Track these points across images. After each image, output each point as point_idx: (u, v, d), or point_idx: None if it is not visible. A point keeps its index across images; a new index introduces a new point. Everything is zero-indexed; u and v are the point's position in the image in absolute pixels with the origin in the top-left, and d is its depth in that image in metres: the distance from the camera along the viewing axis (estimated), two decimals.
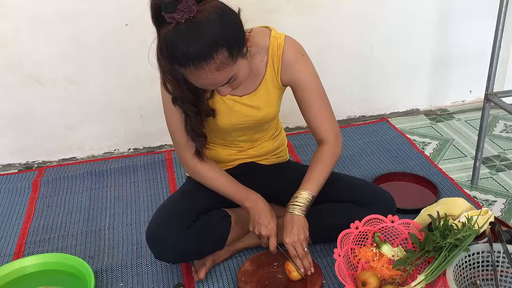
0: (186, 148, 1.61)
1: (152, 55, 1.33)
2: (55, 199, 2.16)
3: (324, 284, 1.63)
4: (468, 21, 2.56)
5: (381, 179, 2.12)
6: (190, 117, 1.51)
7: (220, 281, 1.67)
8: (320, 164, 1.60)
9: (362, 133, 2.53)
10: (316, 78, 1.59)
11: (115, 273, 1.74)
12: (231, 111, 1.58)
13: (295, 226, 1.52)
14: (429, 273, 1.42)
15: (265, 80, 1.56)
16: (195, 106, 1.49)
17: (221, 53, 1.27)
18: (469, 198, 1.99)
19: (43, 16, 2.18)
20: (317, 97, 1.59)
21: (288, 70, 1.55)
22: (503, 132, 2.50)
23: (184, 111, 1.51)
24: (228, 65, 1.30)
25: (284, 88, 1.63)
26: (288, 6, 2.34)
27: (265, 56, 1.53)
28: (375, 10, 2.46)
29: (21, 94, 2.30)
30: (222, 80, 1.33)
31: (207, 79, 1.30)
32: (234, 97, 1.57)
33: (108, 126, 2.46)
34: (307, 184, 1.58)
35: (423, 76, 2.68)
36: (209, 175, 1.64)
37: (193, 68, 1.27)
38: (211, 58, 1.26)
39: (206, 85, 1.35)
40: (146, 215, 2.02)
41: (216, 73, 1.29)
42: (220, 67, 1.29)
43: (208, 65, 1.27)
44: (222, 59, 1.28)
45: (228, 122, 1.60)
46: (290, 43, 1.54)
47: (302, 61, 1.56)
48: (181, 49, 1.24)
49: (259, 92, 1.57)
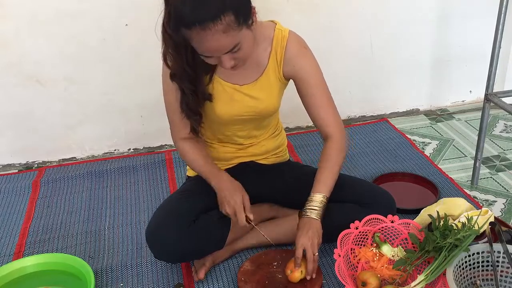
0: (179, 128, 1.64)
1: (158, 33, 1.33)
2: (55, 199, 2.16)
3: (324, 284, 1.63)
4: (468, 21, 2.56)
5: (381, 179, 2.11)
6: (186, 95, 1.52)
7: (220, 281, 1.67)
8: (328, 164, 1.60)
9: (362, 133, 2.53)
10: (320, 72, 1.60)
11: (115, 273, 1.74)
12: (231, 99, 1.58)
13: (311, 230, 1.52)
14: (429, 273, 1.42)
15: (267, 70, 1.57)
16: (193, 85, 1.50)
17: (228, 16, 1.28)
18: (469, 198, 1.99)
19: (43, 16, 2.18)
20: (320, 90, 1.60)
21: (291, 62, 1.56)
22: (503, 132, 2.50)
23: (181, 88, 1.51)
24: (233, 30, 1.31)
25: (286, 83, 1.63)
26: (288, 6, 2.34)
27: (268, 46, 1.55)
28: (375, 10, 2.46)
29: (21, 94, 2.30)
30: (227, 46, 1.33)
31: (212, 41, 1.30)
32: (235, 85, 1.57)
33: (108, 126, 2.46)
34: (319, 186, 1.58)
35: (423, 76, 2.68)
36: (190, 156, 1.66)
37: (199, 29, 1.28)
38: (217, 19, 1.27)
39: (211, 50, 1.34)
40: (146, 215, 2.02)
41: (221, 35, 1.29)
42: (226, 30, 1.29)
43: (215, 25, 1.27)
44: (228, 22, 1.29)
45: (228, 112, 1.59)
46: (294, 36, 1.57)
47: (305, 54, 1.58)
48: (189, 10, 1.26)
49: (260, 82, 1.58)
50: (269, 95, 1.60)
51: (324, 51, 2.42)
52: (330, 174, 1.59)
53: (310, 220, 1.53)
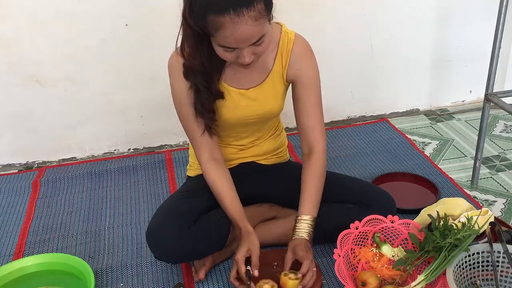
0: (202, 148, 1.61)
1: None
2: (55, 199, 2.16)
3: (324, 284, 1.63)
4: (468, 21, 2.56)
5: (381, 179, 2.11)
6: (200, 92, 1.50)
7: (220, 281, 1.67)
8: (315, 182, 1.60)
9: (362, 133, 2.53)
10: (319, 78, 1.60)
11: (115, 273, 1.74)
12: (237, 104, 1.58)
13: (308, 248, 1.54)
14: (429, 273, 1.42)
15: (272, 73, 1.57)
16: (206, 81, 1.49)
17: (259, 3, 1.28)
18: (469, 198, 1.99)
19: (43, 16, 2.18)
20: (315, 96, 1.60)
21: (296, 65, 1.56)
22: (503, 132, 2.50)
23: (195, 84, 1.50)
24: (263, 19, 1.30)
25: (288, 85, 1.63)
26: (288, 6, 2.34)
27: (274, 49, 1.55)
28: (375, 10, 2.46)
29: (21, 94, 2.30)
30: (255, 35, 1.32)
31: (243, 29, 1.28)
32: (240, 90, 1.57)
33: (108, 126, 2.46)
34: (306, 208, 1.58)
35: (423, 76, 2.68)
36: (218, 186, 1.62)
37: (233, 14, 1.26)
38: (251, 5, 1.27)
39: (240, 39, 1.31)
40: (146, 215, 2.02)
41: (253, 23, 1.28)
42: (257, 17, 1.29)
43: (248, 12, 1.27)
44: (260, 9, 1.29)
45: (233, 116, 1.60)
46: (300, 39, 1.57)
47: (310, 58, 1.58)
48: None
49: (265, 85, 1.58)
50: (274, 98, 1.61)
51: (324, 51, 2.43)
52: (317, 194, 1.60)
53: (301, 240, 1.55)
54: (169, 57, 1.57)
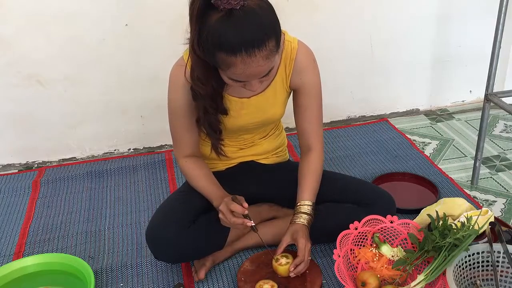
0: (184, 146, 1.63)
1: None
2: (55, 199, 2.16)
3: (324, 284, 1.63)
4: (468, 21, 2.56)
5: (381, 179, 2.11)
6: (209, 113, 1.51)
7: (220, 281, 1.67)
8: (314, 175, 1.63)
9: (362, 133, 2.53)
10: (320, 85, 1.61)
11: (115, 273, 1.74)
12: (239, 113, 1.58)
13: (307, 236, 1.55)
14: (428, 273, 1.42)
15: (274, 82, 1.57)
16: (214, 103, 1.49)
17: (271, 41, 1.28)
18: (469, 198, 1.99)
19: (43, 16, 2.18)
20: (316, 104, 1.62)
21: (299, 74, 1.56)
22: (503, 132, 2.50)
23: (204, 107, 1.50)
24: (274, 55, 1.31)
25: (290, 92, 1.64)
26: (288, 6, 2.34)
27: (278, 58, 1.54)
28: (375, 10, 2.46)
29: (21, 94, 2.30)
30: (264, 71, 1.33)
31: (256, 67, 1.29)
32: (242, 99, 1.57)
33: (108, 126, 2.46)
34: (306, 194, 1.60)
35: (423, 76, 2.68)
36: (192, 172, 1.64)
37: (245, 55, 1.25)
38: (263, 45, 1.26)
39: (250, 75, 1.32)
40: (146, 215, 2.02)
41: (264, 61, 1.29)
42: (268, 56, 1.29)
43: (260, 52, 1.26)
44: (271, 48, 1.28)
45: (236, 124, 1.61)
46: (303, 48, 1.56)
47: (313, 68, 1.58)
48: (234, 35, 1.24)
49: (267, 93, 1.58)
50: (275, 105, 1.61)
51: (324, 51, 2.42)
52: (315, 184, 1.62)
53: (302, 227, 1.56)
54: (168, 57, 1.57)
